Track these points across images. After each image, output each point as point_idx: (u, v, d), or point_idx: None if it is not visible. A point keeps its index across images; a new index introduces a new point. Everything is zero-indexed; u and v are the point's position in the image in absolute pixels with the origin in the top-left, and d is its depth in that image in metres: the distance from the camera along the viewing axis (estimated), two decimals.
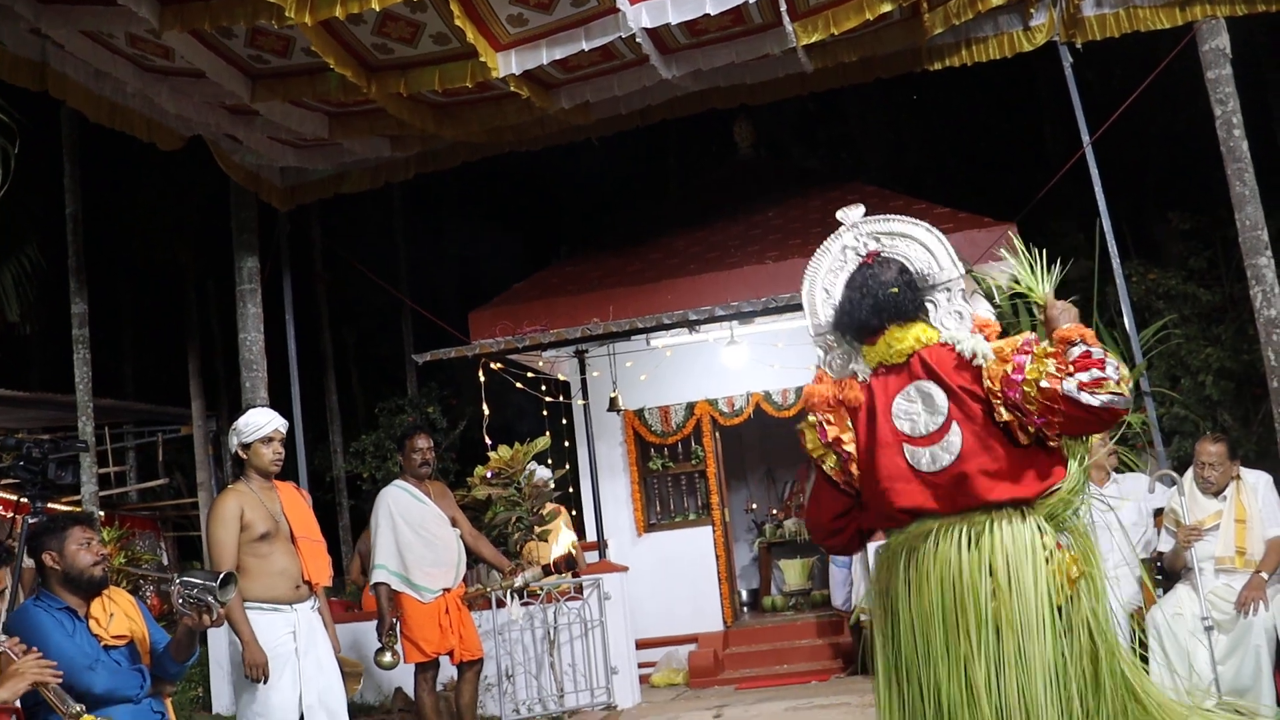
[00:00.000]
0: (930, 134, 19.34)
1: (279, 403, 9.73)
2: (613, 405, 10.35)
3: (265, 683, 5.10)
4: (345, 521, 15.81)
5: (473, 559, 7.52)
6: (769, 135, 16.15)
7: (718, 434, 11.43)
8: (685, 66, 8.23)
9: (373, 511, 7.15)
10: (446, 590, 6.99)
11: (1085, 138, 8.55)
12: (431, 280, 18.91)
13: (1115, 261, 8.52)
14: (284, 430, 5.60)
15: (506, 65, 7.42)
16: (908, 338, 3.54)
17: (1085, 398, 3.20)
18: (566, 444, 11.49)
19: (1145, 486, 6.88)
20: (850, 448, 3.61)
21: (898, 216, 3.77)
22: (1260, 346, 7.72)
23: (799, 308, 9.19)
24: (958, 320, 3.56)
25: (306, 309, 14.89)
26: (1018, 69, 12.11)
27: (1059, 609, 3.29)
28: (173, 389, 16.64)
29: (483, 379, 10.37)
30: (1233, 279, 12.28)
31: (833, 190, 12.50)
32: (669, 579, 10.79)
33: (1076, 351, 3.26)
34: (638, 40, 7.44)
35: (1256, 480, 6.42)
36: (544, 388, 11.34)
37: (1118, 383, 3.19)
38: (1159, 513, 6.83)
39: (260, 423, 5.52)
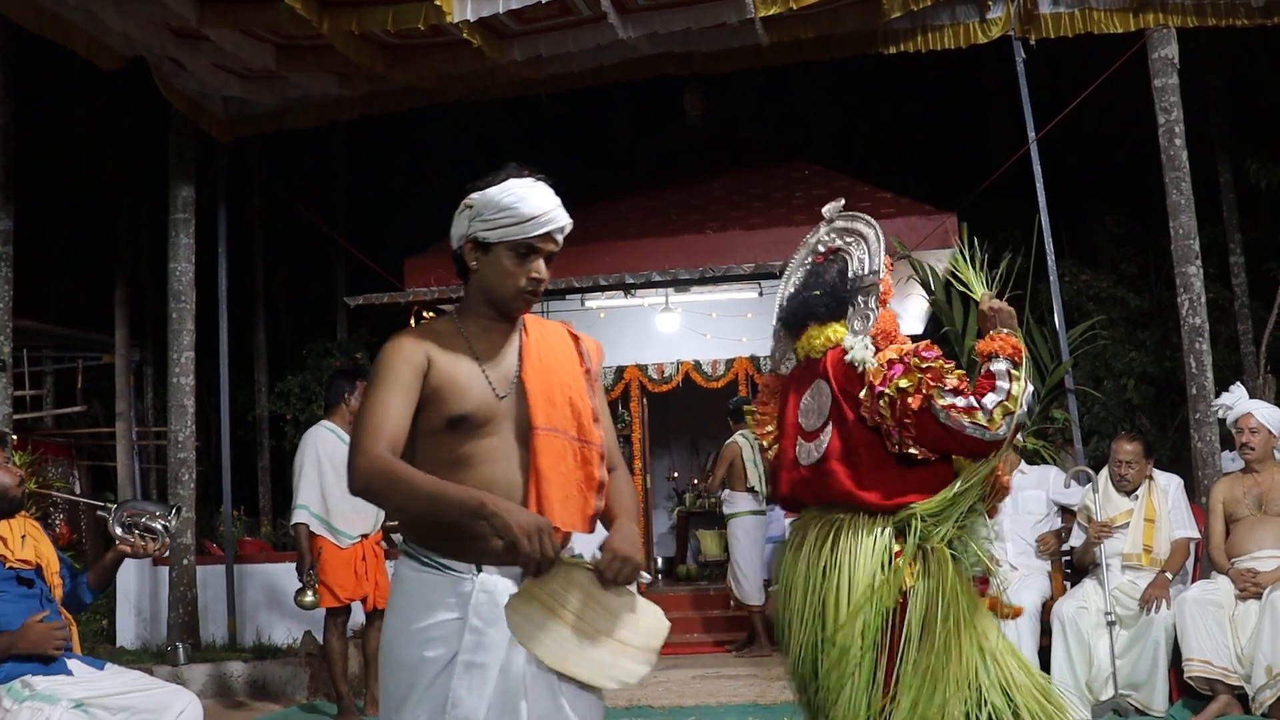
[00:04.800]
0: (879, 118, 19.42)
1: (206, 337, 9.58)
2: None
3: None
4: (265, 462, 15.66)
5: None
6: (719, 106, 16.09)
7: (645, 400, 11.46)
8: (641, 29, 8.17)
9: (298, 451, 7.04)
10: (365, 536, 6.93)
11: (1031, 134, 8.63)
12: (369, 224, 18.70)
13: (1050, 260, 8.62)
14: (560, 240, 2.88)
15: (461, 10, 7.31)
16: (821, 336, 3.65)
17: (944, 418, 3.27)
18: None
19: (1052, 477, 7.02)
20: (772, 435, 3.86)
21: (862, 215, 3.79)
22: (1183, 354, 7.87)
23: (736, 279, 9.33)
24: (863, 323, 3.56)
25: (240, 244, 14.66)
26: (969, 62, 12.18)
27: (888, 611, 3.37)
28: (97, 315, 16.29)
29: (414, 326, 10.28)
30: (1161, 286, 12.50)
31: (777, 166, 12.54)
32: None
33: (998, 367, 3.33)
34: None
35: (1168, 482, 6.58)
36: None
37: (990, 418, 3.25)
38: (1070, 509, 6.96)
39: (526, 212, 2.80)
